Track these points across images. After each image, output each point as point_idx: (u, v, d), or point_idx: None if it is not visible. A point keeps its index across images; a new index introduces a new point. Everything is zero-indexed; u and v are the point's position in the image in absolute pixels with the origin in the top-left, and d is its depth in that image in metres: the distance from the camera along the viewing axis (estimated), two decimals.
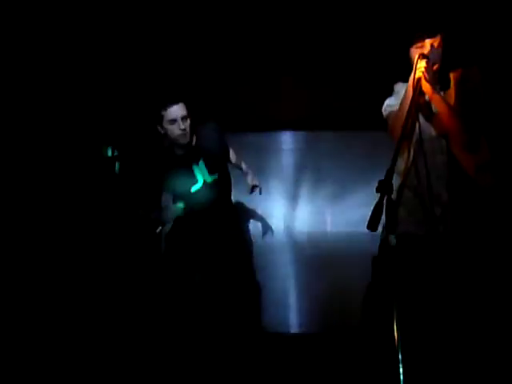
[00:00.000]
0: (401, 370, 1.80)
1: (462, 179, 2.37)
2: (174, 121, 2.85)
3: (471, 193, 2.37)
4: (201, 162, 3.04)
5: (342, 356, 2.59)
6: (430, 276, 2.28)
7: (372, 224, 1.98)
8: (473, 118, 2.34)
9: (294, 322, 4.32)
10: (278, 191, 4.59)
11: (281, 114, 4.33)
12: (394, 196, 2.02)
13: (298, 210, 4.58)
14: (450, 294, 2.25)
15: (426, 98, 2.37)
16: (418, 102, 2.27)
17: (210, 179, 3.06)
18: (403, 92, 2.43)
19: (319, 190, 4.57)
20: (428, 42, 2.33)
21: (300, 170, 4.60)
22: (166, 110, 2.85)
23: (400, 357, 1.80)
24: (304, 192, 4.60)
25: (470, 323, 2.23)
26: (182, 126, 2.85)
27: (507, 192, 2.53)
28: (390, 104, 2.53)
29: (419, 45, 2.36)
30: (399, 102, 2.42)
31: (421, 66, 2.23)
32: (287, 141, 4.61)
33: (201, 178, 3.05)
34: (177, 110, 2.85)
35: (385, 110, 2.56)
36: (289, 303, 4.38)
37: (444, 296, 2.25)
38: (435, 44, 2.34)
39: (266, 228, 4.10)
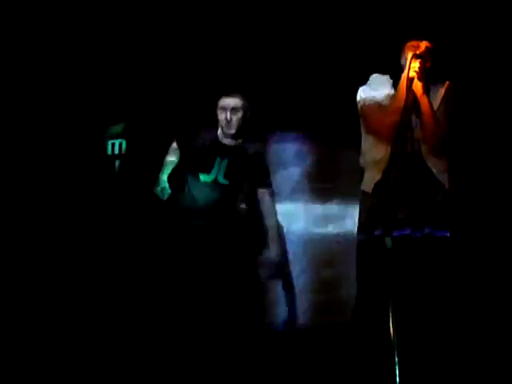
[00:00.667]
0: (397, 372, 1.80)
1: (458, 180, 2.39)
2: (223, 109, 2.96)
3: (467, 193, 2.38)
4: (226, 160, 3.03)
5: (338, 356, 2.60)
6: (424, 278, 2.28)
7: (367, 227, 1.99)
8: (448, 127, 2.39)
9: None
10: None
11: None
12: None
13: (299, 208, 4.59)
14: (444, 295, 2.26)
15: None
16: (411, 102, 2.26)
17: (221, 180, 3.02)
18: (385, 84, 2.45)
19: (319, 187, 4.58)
20: (423, 42, 2.33)
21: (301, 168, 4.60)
22: (221, 97, 2.98)
23: (396, 358, 1.80)
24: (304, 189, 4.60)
25: (466, 324, 2.24)
26: (228, 117, 2.93)
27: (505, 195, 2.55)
28: (369, 94, 2.49)
29: (414, 44, 2.35)
30: (378, 94, 2.44)
31: (415, 65, 2.22)
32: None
33: (214, 173, 3.02)
34: (229, 101, 2.96)
35: (362, 99, 2.50)
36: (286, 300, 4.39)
37: (439, 297, 2.26)
38: (429, 46, 2.34)
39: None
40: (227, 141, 3.05)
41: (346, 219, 3.30)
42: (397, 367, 1.81)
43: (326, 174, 4.42)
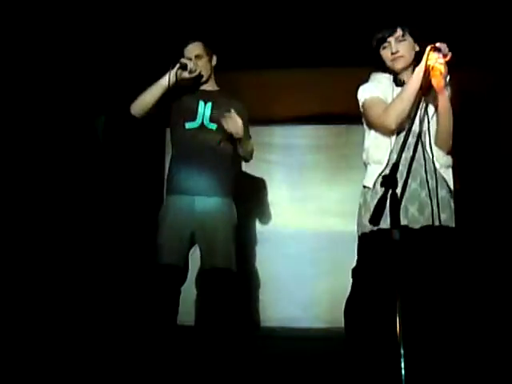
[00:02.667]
0: (402, 365, 1.79)
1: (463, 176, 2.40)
2: (189, 59, 3.02)
3: (472, 189, 2.38)
4: (209, 104, 3.03)
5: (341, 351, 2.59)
6: (430, 271, 2.28)
7: (375, 219, 1.98)
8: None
9: (291, 316, 4.31)
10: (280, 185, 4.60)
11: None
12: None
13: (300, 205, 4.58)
14: (451, 289, 2.26)
15: None
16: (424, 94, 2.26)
17: (209, 125, 3.01)
18: (385, 81, 2.48)
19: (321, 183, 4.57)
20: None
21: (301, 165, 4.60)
22: (185, 47, 3.08)
23: (402, 351, 1.79)
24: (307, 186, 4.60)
25: (472, 319, 2.23)
26: (192, 64, 2.98)
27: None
28: (369, 91, 2.50)
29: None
30: (378, 90, 2.47)
31: (433, 57, 2.21)
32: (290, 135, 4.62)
33: (200, 118, 3.01)
34: (191, 49, 3.05)
35: (363, 96, 2.52)
36: (288, 297, 4.37)
37: (446, 291, 2.25)
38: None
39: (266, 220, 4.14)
40: (207, 87, 3.09)
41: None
42: (402, 360, 1.79)
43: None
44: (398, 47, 2.40)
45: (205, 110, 3.02)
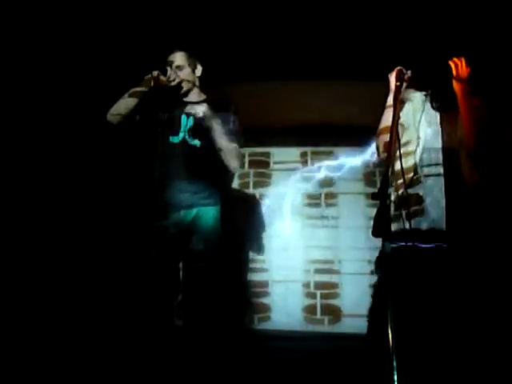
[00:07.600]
0: (395, 378, 1.79)
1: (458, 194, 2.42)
2: (170, 67, 2.94)
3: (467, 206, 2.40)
4: (191, 118, 2.92)
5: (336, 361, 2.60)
6: (425, 284, 2.30)
7: (378, 231, 2.00)
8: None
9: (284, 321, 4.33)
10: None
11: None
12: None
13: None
14: (445, 302, 2.27)
15: None
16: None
17: (191, 141, 2.91)
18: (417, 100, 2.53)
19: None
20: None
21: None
22: (170, 54, 2.97)
23: (394, 364, 1.80)
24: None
25: (465, 331, 2.24)
26: (170, 73, 2.90)
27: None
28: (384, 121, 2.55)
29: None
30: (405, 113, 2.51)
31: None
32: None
33: (182, 133, 2.91)
34: (173, 58, 2.94)
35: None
36: (282, 303, 4.39)
37: (440, 303, 2.27)
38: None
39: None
40: (192, 98, 2.96)
41: None
42: (395, 372, 1.80)
43: None
44: None
45: (187, 123, 2.92)
